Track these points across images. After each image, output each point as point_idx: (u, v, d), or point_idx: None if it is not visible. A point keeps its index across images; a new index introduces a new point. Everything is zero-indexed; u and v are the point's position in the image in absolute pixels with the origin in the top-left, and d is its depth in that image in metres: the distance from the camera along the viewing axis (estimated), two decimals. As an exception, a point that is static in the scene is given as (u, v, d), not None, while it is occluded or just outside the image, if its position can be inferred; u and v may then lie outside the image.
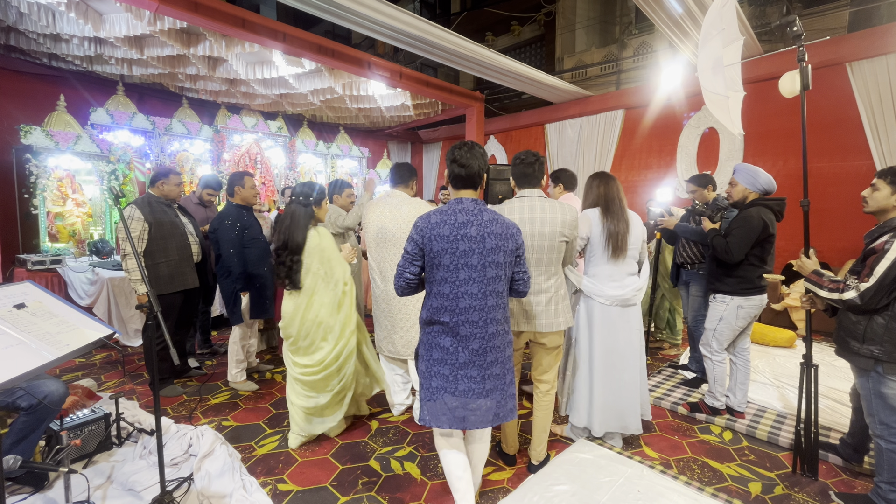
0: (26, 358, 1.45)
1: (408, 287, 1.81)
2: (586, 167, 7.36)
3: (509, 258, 1.75)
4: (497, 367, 1.77)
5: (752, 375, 3.67)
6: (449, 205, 1.76)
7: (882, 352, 1.94)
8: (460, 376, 1.74)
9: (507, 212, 2.19)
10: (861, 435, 2.37)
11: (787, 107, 5.00)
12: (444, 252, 1.69)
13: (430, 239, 1.71)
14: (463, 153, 1.77)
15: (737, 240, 2.66)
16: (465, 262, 1.69)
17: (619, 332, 2.50)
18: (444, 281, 1.72)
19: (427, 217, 1.75)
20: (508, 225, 1.76)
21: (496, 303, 1.74)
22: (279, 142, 6.98)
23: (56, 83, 5.52)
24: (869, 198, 2.07)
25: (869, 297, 1.91)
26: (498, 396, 1.79)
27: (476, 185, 1.81)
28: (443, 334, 1.75)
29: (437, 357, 1.76)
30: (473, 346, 1.73)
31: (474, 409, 1.76)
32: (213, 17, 4.02)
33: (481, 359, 1.73)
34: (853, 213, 4.88)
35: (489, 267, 1.70)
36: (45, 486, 2.16)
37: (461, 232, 1.68)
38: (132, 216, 3.07)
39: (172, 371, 3.39)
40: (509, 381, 1.83)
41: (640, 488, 2.23)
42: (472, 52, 5.42)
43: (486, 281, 1.71)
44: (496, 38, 12.51)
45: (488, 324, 1.73)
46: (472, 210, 1.73)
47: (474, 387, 1.74)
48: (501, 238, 1.71)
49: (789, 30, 2.25)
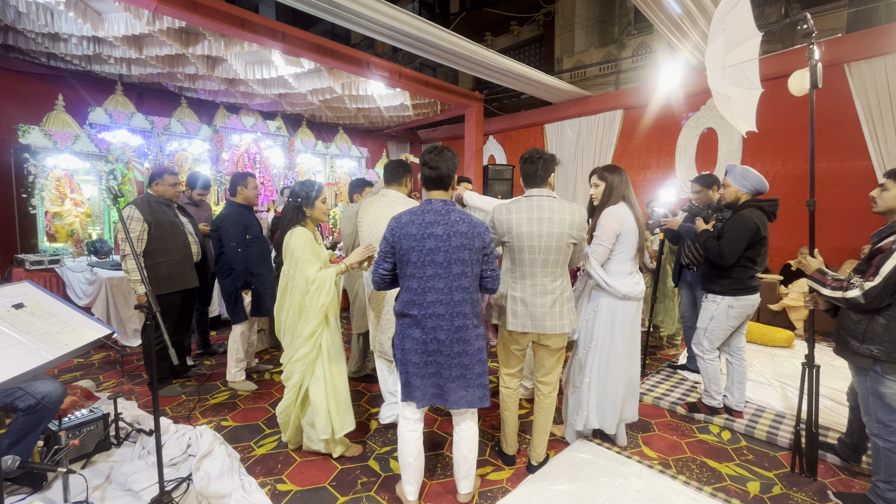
0: (25, 358, 1.45)
1: (382, 282, 1.98)
2: (585, 167, 7.37)
3: (475, 256, 1.86)
4: (465, 358, 1.91)
5: (752, 375, 3.68)
6: (420, 205, 1.91)
7: (881, 351, 1.94)
8: (429, 362, 1.91)
9: (514, 210, 2.17)
10: (859, 434, 2.38)
11: (786, 107, 5.01)
12: (411, 250, 1.84)
13: (399, 238, 1.85)
14: (433, 157, 1.89)
15: (729, 243, 2.67)
16: (432, 260, 1.83)
17: (636, 324, 2.53)
18: (413, 276, 1.87)
19: (399, 217, 1.90)
20: (475, 224, 1.86)
21: (462, 297, 1.87)
22: (278, 141, 6.97)
23: (54, 83, 5.51)
24: (878, 198, 2.07)
25: (873, 296, 1.90)
26: (464, 384, 1.92)
27: (446, 186, 1.93)
28: (413, 326, 1.91)
29: (409, 346, 1.93)
30: (440, 336, 1.87)
31: (444, 390, 1.93)
32: (212, 17, 4.02)
33: (448, 348, 1.88)
34: (852, 214, 4.90)
35: (454, 264, 1.83)
36: (44, 487, 2.15)
37: (428, 231, 1.82)
38: (131, 216, 3.06)
39: (171, 371, 3.39)
40: (478, 372, 1.94)
41: (639, 488, 2.24)
42: (472, 53, 5.42)
43: (452, 277, 1.84)
44: (495, 39, 12.51)
45: (454, 317, 1.87)
46: (440, 210, 1.86)
47: (441, 371, 1.91)
48: (467, 237, 1.83)
49: (800, 27, 2.21)
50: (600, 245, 2.40)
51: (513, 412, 2.43)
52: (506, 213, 2.19)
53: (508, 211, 2.19)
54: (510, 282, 2.25)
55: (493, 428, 2.86)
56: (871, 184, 4.71)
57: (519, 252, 2.17)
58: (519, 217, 2.15)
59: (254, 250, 3.34)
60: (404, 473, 2.06)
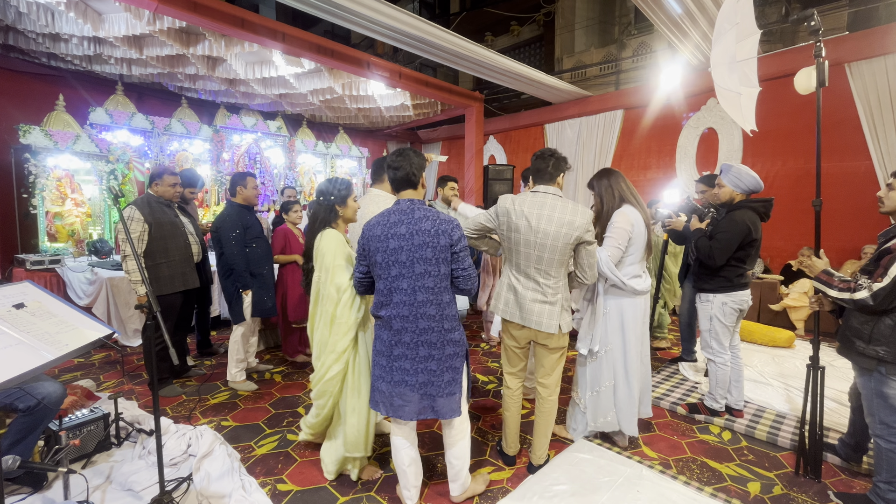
0: (25, 358, 1.45)
1: (360, 285, 2.00)
2: (585, 167, 7.37)
3: (441, 254, 1.79)
4: (433, 363, 1.83)
5: (752, 375, 3.68)
6: (390, 207, 1.90)
7: (888, 352, 1.92)
8: (395, 367, 1.86)
9: (517, 202, 2.17)
10: (860, 435, 2.38)
11: (786, 107, 5.02)
12: (377, 251, 1.83)
13: (367, 240, 1.86)
14: (395, 158, 1.91)
15: (720, 244, 2.69)
16: (395, 259, 1.80)
17: (645, 324, 2.54)
18: (380, 277, 1.87)
19: (370, 221, 1.90)
20: (442, 221, 1.81)
21: (427, 298, 1.80)
22: (278, 142, 6.97)
23: (55, 83, 5.52)
24: (885, 198, 2.05)
25: (882, 297, 1.88)
26: (432, 391, 1.84)
27: (413, 184, 1.92)
28: (382, 327, 1.90)
29: (378, 348, 1.91)
30: (405, 339, 1.83)
31: (407, 400, 1.85)
32: (213, 17, 4.02)
33: (413, 352, 1.83)
34: (852, 214, 4.89)
35: (417, 263, 1.78)
36: (44, 487, 2.15)
37: (391, 231, 1.81)
38: (132, 217, 3.06)
39: (172, 371, 3.39)
40: (448, 379, 1.86)
41: (640, 488, 2.24)
42: (472, 53, 5.42)
43: (415, 276, 1.79)
44: (495, 39, 12.51)
45: (419, 318, 1.81)
46: (405, 210, 1.84)
47: (407, 378, 1.84)
48: (430, 234, 1.78)
49: (807, 24, 2.20)
50: (616, 248, 2.37)
51: (514, 413, 2.43)
52: (509, 203, 2.20)
53: (512, 202, 2.20)
54: (507, 270, 2.28)
55: (494, 428, 2.86)
56: (871, 184, 4.72)
57: (515, 244, 2.18)
58: (519, 209, 2.15)
59: (254, 250, 3.34)
60: (401, 479, 2.05)
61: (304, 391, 3.37)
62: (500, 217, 2.22)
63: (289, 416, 2.97)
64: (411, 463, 2.01)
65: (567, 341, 2.29)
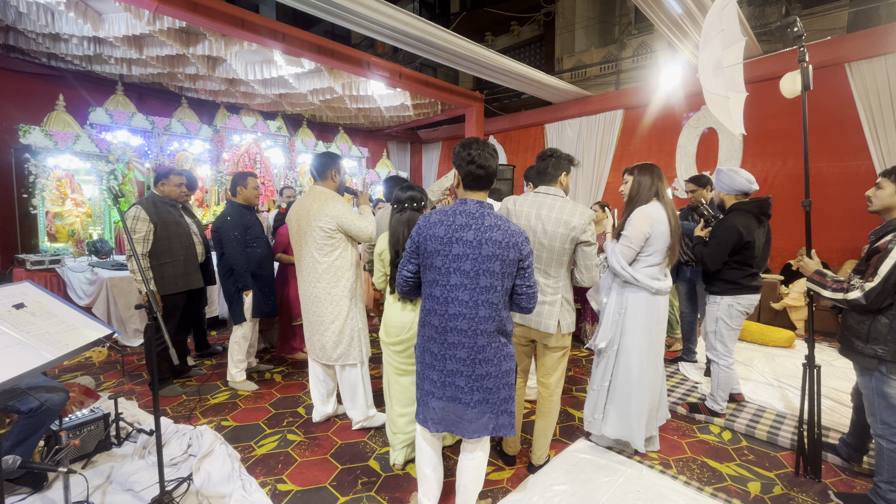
0: (26, 358, 1.45)
1: (405, 285, 1.80)
2: (586, 167, 7.37)
3: (508, 269, 1.62)
4: (490, 381, 1.68)
5: (752, 375, 3.68)
6: (453, 205, 1.70)
7: (886, 351, 1.93)
8: (447, 383, 1.69)
9: (519, 203, 2.18)
10: (861, 435, 2.38)
11: (787, 107, 5.01)
12: (436, 253, 1.64)
13: (425, 238, 1.66)
14: (480, 152, 1.66)
15: (711, 251, 2.76)
16: (458, 267, 1.62)
17: (662, 331, 2.45)
18: (436, 283, 1.67)
19: (428, 216, 1.71)
20: (513, 233, 1.62)
21: (488, 314, 1.63)
22: (278, 142, 6.98)
23: (55, 83, 5.52)
24: (873, 197, 2.09)
25: (874, 296, 1.90)
26: (488, 410, 1.69)
27: (490, 185, 1.73)
28: (433, 339, 1.71)
29: (428, 362, 1.74)
30: (461, 354, 1.66)
31: (460, 417, 1.71)
32: (213, 17, 4.02)
33: (469, 369, 1.66)
34: (852, 214, 4.89)
35: (483, 275, 1.60)
36: (45, 487, 2.16)
37: (457, 235, 1.61)
38: (138, 216, 3.07)
39: (172, 371, 3.39)
40: (504, 397, 1.71)
41: (640, 488, 2.24)
42: (472, 53, 5.42)
43: (479, 290, 1.61)
44: (496, 38, 12.50)
45: (478, 335, 1.64)
46: (473, 213, 1.64)
47: (461, 396, 1.68)
48: (501, 246, 1.60)
49: (790, 31, 2.26)
50: (628, 247, 2.31)
51: (516, 412, 2.42)
52: (511, 204, 2.22)
53: (514, 203, 2.21)
54: None
55: (494, 428, 2.86)
56: (871, 184, 4.70)
57: None
58: (520, 210, 2.16)
59: (255, 251, 3.34)
60: (421, 486, 1.91)
61: (304, 391, 3.37)
62: None
63: (289, 416, 2.97)
64: (436, 467, 1.89)
65: (569, 341, 2.28)
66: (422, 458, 1.89)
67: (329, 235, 2.56)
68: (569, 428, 2.88)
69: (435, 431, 1.75)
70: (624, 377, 2.43)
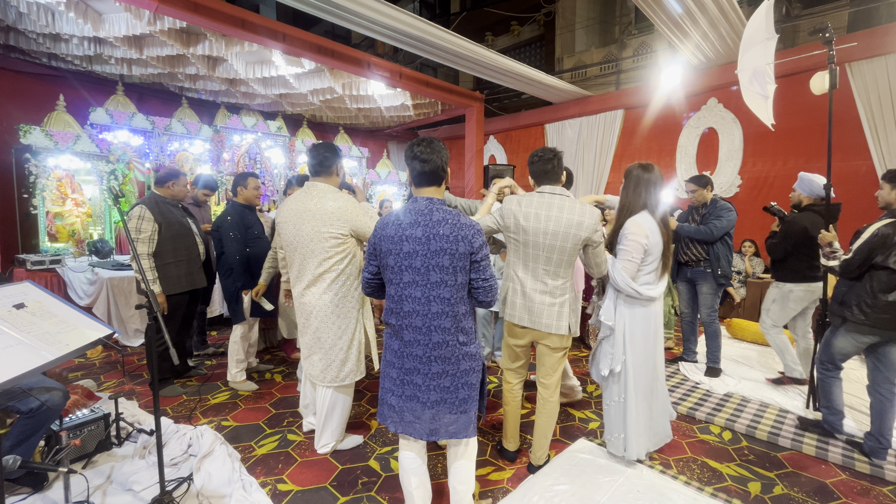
0: (26, 358, 1.45)
1: (367, 286, 1.81)
2: (586, 167, 7.37)
3: (459, 262, 1.60)
4: (447, 380, 1.66)
5: (753, 375, 3.69)
6: (406, 205, 1.71)
7: (850, 314, 2.48)
8: (406, 381, 1.70)
9: (524, 203, 2.15)
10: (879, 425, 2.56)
11: (788, 107, 5.01)
12: (389, 253, 1.65)
13: (379, 239, 1.68)
14: (422, 148, 1.67)
15: (776, 241, 3.33)
16: (409, 265, 1.62)
17: (659, 340, 2.43)
18: (391, 282, 1.69)
19: (383, 217, 1.73)
20: (463, 226, 1.60)
21: (442, 309, 1.62)
22: (279, 142, 6.97)
23: (55, 83, 5.52)
24: (878, 196, 2.59)
25: (845, 266, 2.50)
26: (445, 410, 1.67)
27: (440, 180, 1.72)
28: (392, 337, 1.74)
29: (388, 359, 1.75)
30: (416, 352, 1.66)
31: (418, 417, 1.69)
32: (213, 17, 4.02)
33: (426, 367, 1.66)
34: (853, 213, 4.88)
35: (433, 270, 1.60)
36: (45, 487, 2.16)
37: (406, 232, 1.62)
38: (143, 216, 3.06)
39: (172, 371, 3.39)
40: (462, 397, 1.68)
41: (640, 488, 2.24)
42: (472, 53, 5.42)
43: (430, 285, 1.61)
44: (496, 38, 12.49)
45: (432, 331, 1.63)
46: (422, 210, 1.64)
47: (418, 395, 1.68)
48: (449, 240, 1.58)
49: (822, 35, 2.70)
50: (629, 261, 2.26)
51: (514, 407, 2.43)
52: (515, 205, 2.18)
53: (518, 203, 2.17)
54: (513, 273, 2.24)
55: (494, 428, 2.86)
56: (872, 184, 4.70)
57: (524, 246, 2.16)
58: (527, 211, 2.13)
59: (255, 250, 3.34)
60: (407, 501, 1.86)
61: (305, 391, 3.37)
62: (505, 219, 2.20)
63: (289, 416, 2.97)
64: (419, 485, 1.81)
65: (570, 342, 2.29)
66: (405, 474, 1.82)
67: (341, 242, 2.30)
68: (569, 428, 2.88)
69: (394, 431, 1.75)
70: (634, 393, 2.37)
